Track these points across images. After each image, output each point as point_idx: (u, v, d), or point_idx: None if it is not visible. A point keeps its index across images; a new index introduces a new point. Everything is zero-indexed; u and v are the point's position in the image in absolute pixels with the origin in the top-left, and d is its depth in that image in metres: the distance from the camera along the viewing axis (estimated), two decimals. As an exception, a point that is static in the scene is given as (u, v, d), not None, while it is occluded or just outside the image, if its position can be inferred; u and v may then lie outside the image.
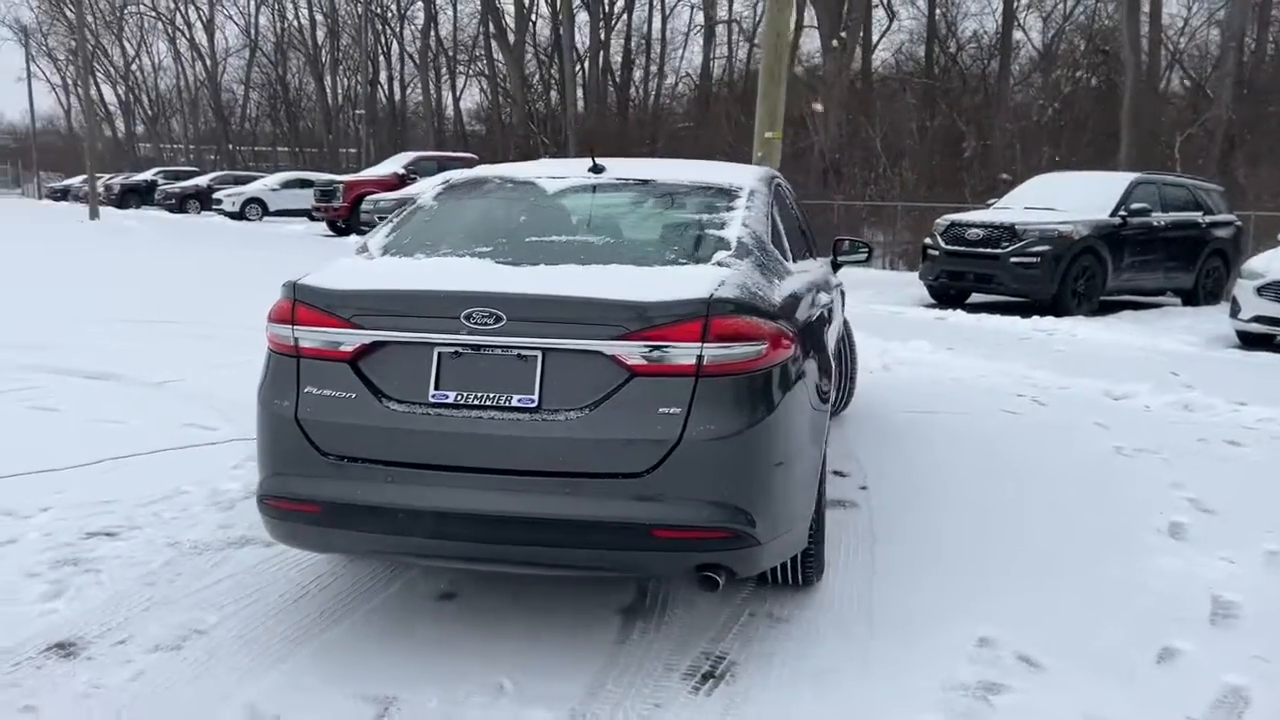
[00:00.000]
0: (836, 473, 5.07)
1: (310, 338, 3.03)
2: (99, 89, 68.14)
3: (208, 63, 64.13)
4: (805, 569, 3.49)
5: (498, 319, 2.87)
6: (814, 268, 4.42)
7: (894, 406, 6.58)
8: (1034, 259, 11.71)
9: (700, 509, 2.83)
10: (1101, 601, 3.59)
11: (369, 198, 21.97)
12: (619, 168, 4.07)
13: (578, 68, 39.60)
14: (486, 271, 3.12)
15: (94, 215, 28.92)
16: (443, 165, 24.31)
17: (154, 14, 64.66)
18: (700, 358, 2.83)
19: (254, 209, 30.58)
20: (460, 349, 2.92)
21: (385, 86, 70.66)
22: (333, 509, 2.97)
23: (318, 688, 2.90)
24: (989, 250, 12.07)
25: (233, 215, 30.53)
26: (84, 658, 3.04)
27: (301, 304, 3.05)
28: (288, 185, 31.40)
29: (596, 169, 3.99)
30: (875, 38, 32.49)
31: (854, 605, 3.53)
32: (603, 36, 39.17)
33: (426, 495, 2.90)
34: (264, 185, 31.84)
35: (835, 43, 31.23)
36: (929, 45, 32.72)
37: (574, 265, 3.17)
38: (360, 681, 2.94)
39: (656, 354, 2.82)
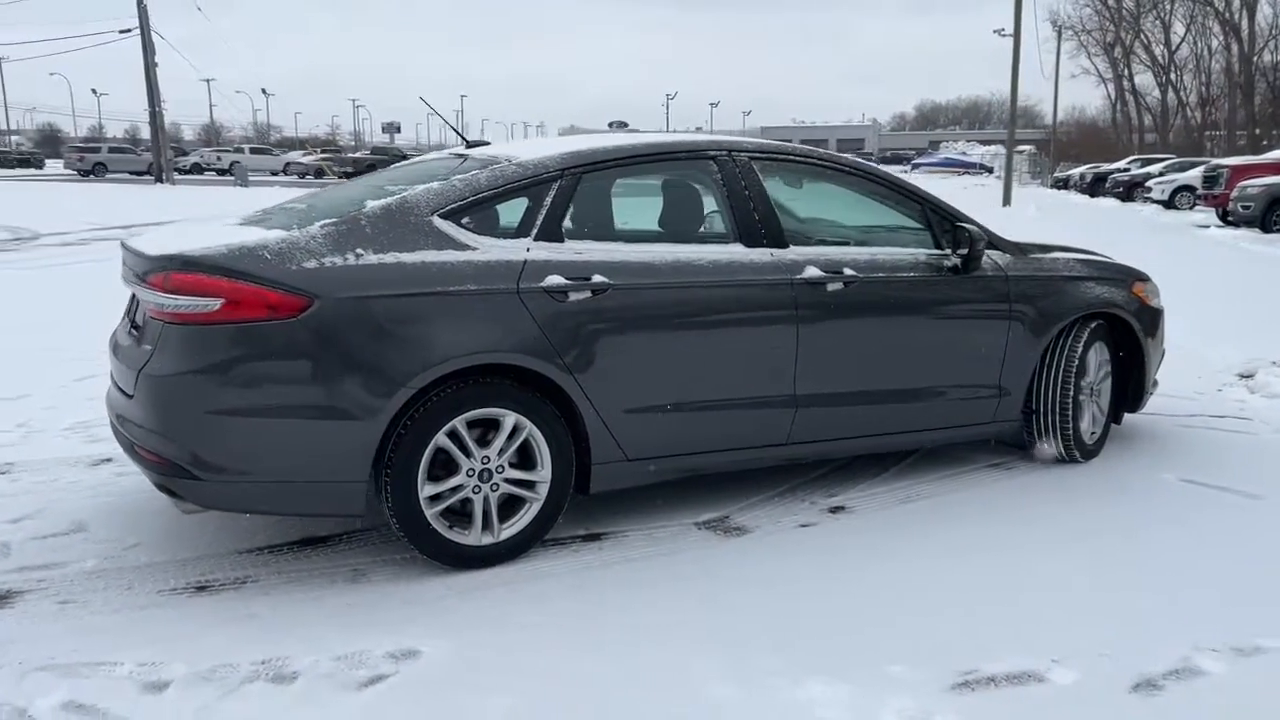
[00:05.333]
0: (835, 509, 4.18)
1: None
2: (1131, 78, 69.15)
3: (1245, 47, 60.03)
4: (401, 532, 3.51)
5: (131, 266, 3.74)
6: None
7: (1191, 471, 4.62)
8: None
9: (149, 435, 3.40)
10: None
11: (1240, 183, 19.24)
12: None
13: None
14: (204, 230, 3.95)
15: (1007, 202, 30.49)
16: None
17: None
18: (164, 306, 3.33)
19: (1184, 198, 28.61)
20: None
21: None
22: None
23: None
24: None
25: (1162, 204, 29.13)
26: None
27: None
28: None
29: (471, 145, 4.41)
30: None
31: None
32: None
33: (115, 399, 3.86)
34: (1198, 172, 29.44)
35: None
36: None
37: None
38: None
39: (153, 299, 3.38)
